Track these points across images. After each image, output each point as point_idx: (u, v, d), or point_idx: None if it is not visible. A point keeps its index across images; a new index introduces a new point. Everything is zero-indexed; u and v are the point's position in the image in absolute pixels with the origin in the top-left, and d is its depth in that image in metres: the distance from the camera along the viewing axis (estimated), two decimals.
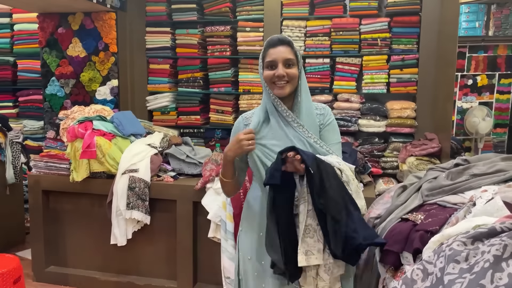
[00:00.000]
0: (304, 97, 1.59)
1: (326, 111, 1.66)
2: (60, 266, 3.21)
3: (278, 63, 1.54)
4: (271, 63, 1.56)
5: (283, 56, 1.54)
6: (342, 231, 1.36)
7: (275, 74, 1.54)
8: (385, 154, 3.56)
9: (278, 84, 1.55)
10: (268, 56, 1.56)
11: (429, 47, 3.40)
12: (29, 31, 4.26)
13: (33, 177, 3.14)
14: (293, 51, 1.57)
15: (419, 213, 1.43)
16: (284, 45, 1.56)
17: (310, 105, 1.62)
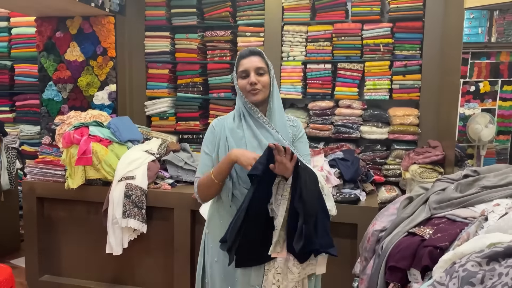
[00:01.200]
0: (276, 105, 1.68)
1: (298, 124, 1.77)
2: (55, 275, 3.12)
3: (250, 72, 1.63)
4: (244, 72, 1.65)
5: (254, 65, 1.64)
6: (306, 233, 1.48)
7: (248, 82, 1.63)
8: (388, 161, 3.50)
9: (251, 92, 1.63)
10: (241, 66, 1.66)
11: (433, 53, 3.35)
12: (27, 35, 4.21)
13: (28, 183, 3.07)
14: (264, 60, 1.67)
15: (427, 227, 1.36)
16: (255, 55, 1.66)
17: (282, 114, 1.72)
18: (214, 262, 1.71)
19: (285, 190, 1.54)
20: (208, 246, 1.75)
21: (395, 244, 1.37)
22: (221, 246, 1.60)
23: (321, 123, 3.59)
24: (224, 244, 1.57)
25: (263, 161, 1.48)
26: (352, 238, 2.53)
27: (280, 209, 1.53)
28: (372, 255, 1.58)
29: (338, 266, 2.60)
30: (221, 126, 1.71)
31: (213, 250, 1.71)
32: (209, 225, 1.77)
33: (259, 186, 1.53)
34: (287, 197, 1.53)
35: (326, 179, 2.62)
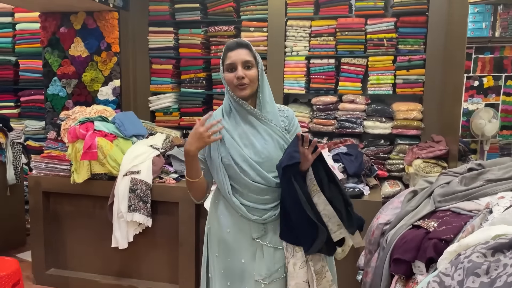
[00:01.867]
0: (267, 97, 1.63)
1: (290, 113, 1.71)
2: (61, 269, 3.16)
3: (238, 65, 1.57)
4: (230, 65, 1.59)
5: (241, 58, 1.58)
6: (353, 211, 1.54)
7: (235, 76, 1.57)
8: (391, 156, 3.51)
9: (239, 87, 1.58)
10: (228, 59, 1.60)
11: (437, 48, 3.35)
12: (31, 30, 4.21)
13: (34, 178, 3.10)
14: (252, 53, 1.61)
15: (431, 220, 1.37)
16: (242, 48, 1.60)
17: (274, 105, 1.66)
18: (215, 257, 1.70)
19: (311, 184, 1.55)
20: (210, 241, 1.74)
21: (400, 236, 1.38)
22: (311, 252, 1.56)
23: (325, 118, 3.60)
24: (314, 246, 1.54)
25: (297, 149, 1.49)
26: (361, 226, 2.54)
27: (321, 201, 1.53)
28: (376, 248, 1.60)
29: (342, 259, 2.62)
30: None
31: (214, 245, 1.70)
32: (210, 220, 1.75)
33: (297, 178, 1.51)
34: (318, 190, 1.53)
35: None
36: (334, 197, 1.53)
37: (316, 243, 1.52)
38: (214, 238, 1.70)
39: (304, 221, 1.51)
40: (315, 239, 1.52)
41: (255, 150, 1.59)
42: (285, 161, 1.49)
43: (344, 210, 1.53)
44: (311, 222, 1.50)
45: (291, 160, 1.47)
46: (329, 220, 1.52)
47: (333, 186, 1.55)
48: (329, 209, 1.52)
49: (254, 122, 1.61)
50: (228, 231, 1.65)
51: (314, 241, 1.52)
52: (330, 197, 1.53)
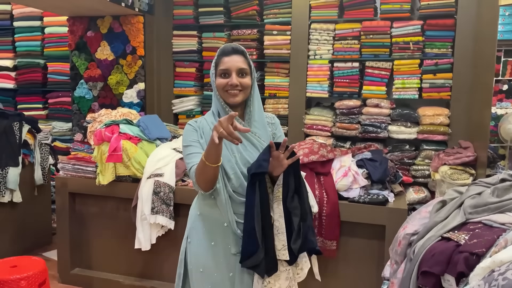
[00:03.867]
0: (256, 107, 1.61)
1: (276, 121, 1.71)
2: (85, 269, 3.22)
3: (232, 72, 1.54)
4: (224, 71, 1.56)
5: (237, 65, 1.55)
6: (305, 231, 1.51)
7: (228, 83, 1.54)
8: (416, 162, 3.44)
9: (230, 92, 1.55)
10: (222, 64, 1.56)
11: (465, 51, 3.26)
12: (59, 34, 4.32)
13: (61, 179, 3.16)
14: (247, 61, 1.58)
15: (462, 232, 1.33)
16: (238, 54, 1.57)
17: (262, 115, 1.64)
18: (200, 273, 1.61)
19: (276, 190, 1.52)
20: (191, 255, 1.65)
21: (428, 248, 1.34)
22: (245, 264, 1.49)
23: (348, 122, 3.55)
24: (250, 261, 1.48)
25: (267, 158, 1.46)
26: (380, 239, 2.51)
27: (277, 210, 1.50)
28: (403, 259, 1.56)
29: (366, 268, 2.58)
30: (201, 122, 1.64)
31: (198, 260, 1.62)
32: (192, 234, 1.66)
33: (261, 186, 1.48)
34: (280, 197, 1.51)
35: (354, 179, 2.60)
36: (293, 209, 1.50)
37: (252, 258, 1.48)
38: (198, 252, 1.62)
39: (250, 230, 1.47)
40: (252, 254, 1.48)
41: (242, 158, 1.57)
42: (254, 169, 1.47)
43: (296, 225, 1.50)
44: (254, 235, 1.46)
45: (259, 168, 1.45)
46: (277, 234, 1.50)
47: (297, 198, 1.52)
48: (281, 222, 1.49)
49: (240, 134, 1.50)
50: (212, 244, 1.59)
51: (251, 256, 1.48)
52: (290, 207, 1.50)
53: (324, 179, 2.61)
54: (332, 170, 2.66)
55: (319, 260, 2.19)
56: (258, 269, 1.50)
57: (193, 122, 1.66)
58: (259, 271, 1.51)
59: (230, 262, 1.58)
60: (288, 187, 1.51)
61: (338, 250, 2.58)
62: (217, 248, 1.59)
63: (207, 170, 1.47)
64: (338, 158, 2.72)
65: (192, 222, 1.68)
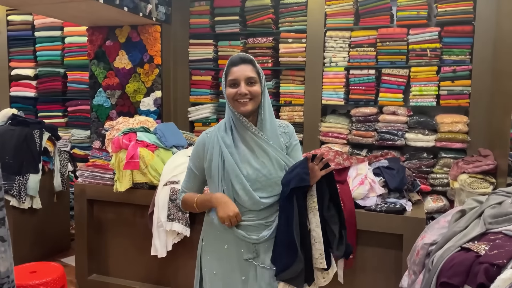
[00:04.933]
0: (267, 114, 1.61)
1: (290, 130, 1.70)
2: (102, 275, 3.25)
3: (241, 81, 1.56)
4: (233, 81, 1.57)
5: (245, 74, 1.56)
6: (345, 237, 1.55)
7: (237, 92, 1.56)
8: (434, 170, 3.39)
9: (240, 102, 1.56)
10: (231, 75, 1.58)
11: (484, 58, 3.22)
12: (79, 43, 4.42)
13: (79, 186, 3.22)
14: (255, 69, 1.59)
15: (482, 243, 1.30)
16: (246, 64, 1.59)
17: (274, 123, 1.64)
18: (213, 275, 1.64)
19: (311, 200, 1.54)
20: (206, 258, 1.69)
21: (447, 259, 1.32)
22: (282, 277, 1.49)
23: (364, 130, 3.53)
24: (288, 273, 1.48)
25: (307, 171, 1.48)
26: (398, 249, 2.47)
27: (314, 220, 1.52)
28: (421, 269, 1.53)
29: (383, 277, 2.54)
30: (211, 138, 1.65)
31: (212, 263, 1.65)
32: (206, 237, 1.71)
33: (299, 199, 1.50)
34: (316, 208, 1.53)
35: (370, 187, 2.57)
36: (330, 217, 1.54)
37: (289, 270, 1.48)
38: (212, 255, 1.66)
39: (287, 242, 1.48)
40: (289, 266, 1.47)
41: (253, 168, 1.57)
42: (295, 182, 1.48)
43: (337, 232, 1.54)
44: (293, 246, 1.46)
45: (301, 182, 1.47)
46: (314, 244, 1.52)
47: (333, 206, 1.55)
48: (318, 232, 1.51)
49: (253, 141, 1.58)
50: (226, 247, 1.62)
51: (288, 268, 1.47)
52: (326, 216, 1.54)
53: (340, 187, 2.58)
54: (348, 178, 2.64)
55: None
56: (295, 281, 1.50)
57: (205, 135, 1.69)
58: (297, 283, 1.50)
59: (243, 266, 1.60)
60: (322, 197, 1.53)
61: (355, 259, 2.55)
62: (230, 252, 1.61)
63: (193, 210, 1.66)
64: (354, 166, 2.70)
65: (208, 226, 1.71)
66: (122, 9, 3.32)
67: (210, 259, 1.66)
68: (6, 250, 0.92)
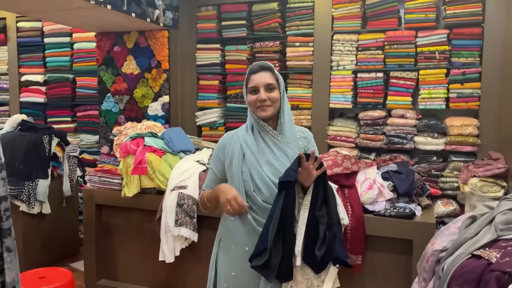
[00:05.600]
0: (287, 119, 1.69)
1: (309, 135, 1.78)
2: (111, 280, 3.25)
3: (260, 88, 1.64)
4: (253, 88, 1.66)
5: (264, 81, 1.64)
6: (329, 239, 1.55)
7: (257, 99, 1.64)
8: (444, 173, 3.35)
9: (261, 107, 1.65)
10: (251, 82, 1.67)
11: (494, 60, 3.18)
12: (88, 49, 4.45)
13: (88, 191, 3.23)
14: (274, 75, 1.68)
15: (493, 250, 1.28)
16: (265, 71, 1.67)
17: (293, 127, 1.72)
18: (231, 277, 1.68)
19: (305, 199, 1.60)
20: (222, 259, 1.73)
21: (458, 266, 1.30)
22: (253, 262, 1.55)
23: (373, 133, 3.50)
24: (257, 259, 1.54)
25: (295, 168, 1.54)
26: (407, 254, 2.44)
27: (302, 217, 1.58)
28: (431, 276, 1.51)
29: (393, 283, 2.51)
30: (233, 139, 1.72)
31: (230, 264, 1.69)
32: (225, 238, 1.74)
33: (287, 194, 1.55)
34: (308, 206, 1.58)
35: (379, 192, 2.55)
36: (320, 217, 1.57)
37: (257, 258, 1.54)
38: (231, 256, 1.69)
39: (265, 231, 1.55)
40: (258, 254, 1.54)
41: (273, 169, 1.64)
42: (282, 177, 1.56)
43: (322, 232, 1.56)
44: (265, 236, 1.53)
45: (286, 177, 1.54)
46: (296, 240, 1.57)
47: (324, 207, 1.59)
48: (302, 229, 1.56)
49: (273, 144, 1.67)
50: (247, 249, 1.65)
51: (256, 256, 1.55)
52: (318, 215, 1.57)
53: (348, 192, 2.56)
54: (357, 182, 2.61)
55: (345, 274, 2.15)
56: (263, 271, 1.55)
57: (227, 136, 1.76)
58: (267, 275, 1.55)
59: None
60: (317, 197, 1.58)
61: (363, 264, 2.52)
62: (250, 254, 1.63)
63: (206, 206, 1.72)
64: (362, 171, 2.68)
65: (226, 227, 1.74)
66: (130, 15, 3.35)
67: (228, 260, 1.70)
68: (12, 260, 0.93)
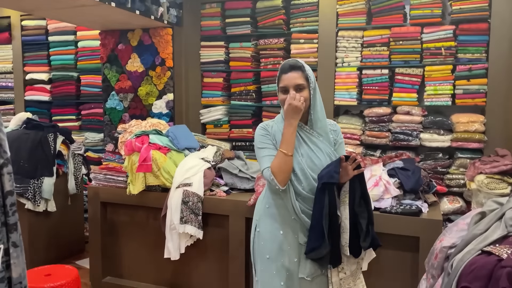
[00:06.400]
0: (319, 114, 1.81)
1: (338, 128, 1.93)
2: (116, 277, 3.26)
3: (290, 89, 1.75)
4: (284, 88, 1.78)
5: (293, 82, 1.75)
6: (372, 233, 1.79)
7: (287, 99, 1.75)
8: (450, 170, 3.33)
9: None
10: (281, 82, 1.79)
11: (500, 56, 3.15)
12: (92, 47, 4.45)
13: (93, 189, 3.24)
14: (304, 75, 1.77)
15: (503, 246, 1.26)
16: (296, 71, 1.76)
17: (324, 121, 1.84)
18: (266, 260, 1.84)
19: (343, 195, 1.78)
20: (259, 243, 1.88)
21: (468, 263, 1.28)
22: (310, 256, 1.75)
23: (378, 130, 3.48)
24: (315, 253, 1.74)
25: (338, 170, 1.70)
26: (414, 251, 2.42)
27: (343, 213, 1.77)
28: (440, 273, 1.49)
29: (400, 281, 2.50)
30: (272, 127, 1.86)
31: (265, 248, 1.84)
32: (261, 224, 1.88)
33: (331, 193, 1.71)
34: (347, 202, 1.77)
35: (385, 189, 2.53)
36: (361, 212, 1.77)
37: (315, 252, 1.74)
38: (267, 240, 1.84)
39: (317, 229, 1.73)
40: (316, 248, 1.74)
41: (309, 161, 1.79)
42: (325, 178, 1.70)
43: (365, 226, 1.77)
44: (321, 233, 1.71)
45: (330, 179, 1.69)
46: (342, 233, 1.79)
47: (363, 203, 1.79)
48: (346, 224, 1.77)
49: (307, 138, 1.82)
50: (281, 233, 1.81)
51: (314, 250, 1.74)
52: (357, 211, 1.77)
53: None
54: None
55: None
56: (321, 261, 1.77)
57: (265, 125, 1.88)
58: (322, 263, 1.78)
59: (296, 249, 1.81)
60: (354, 193, 1.76)
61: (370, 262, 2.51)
62: (285, 237, 1.82)
63: (287, 161, 1.71)
64: (368, 167, 2.67)
65: (261, 215, 1.89)
66: (134, 12, 3.34)
67: (264, 244, 1.85)
68: (19, 256, 0.92)
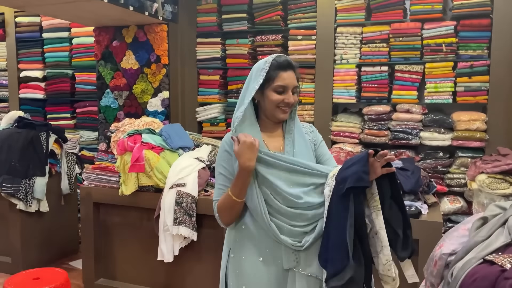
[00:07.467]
0: (296, 117, 1.62)
1: (314, 129, 1.68)
2: (109, 279, 3.20)
3: (289, 90, 1.52)
4: (282, 87, 1.51)
5: (293, 83, 1.53)
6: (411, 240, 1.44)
7: (284, 100, 1.51)
8: (451, 170, 3.26)
9: (283, 109, 1.53)
10: (280, 80, 1.51)
11: (502, 52, 3.07)
12: (86, 44, 4.37)
13: (85, 189, 3.17)
14: (297, 76, 1.57)
15: (507, 255, 1.19)
16: (293, 70, 1.54)
17: (299, 123, 1.63)
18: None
19: (373, 199, 1.40)
20: (234, 273, 1.55)
21: (469, 272, 1.21)
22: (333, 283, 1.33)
23: (377, 129, 3.41)
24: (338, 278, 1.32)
25: (367, 170, 1.33)
26: (413, 254, 2.35)
27: (377, 222, 1.38)
28: (439, 281, 1.42)
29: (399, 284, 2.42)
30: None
31: (243, 277, 1.53)
32: (236, 249, 1.55)
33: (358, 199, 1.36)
34: (379, 207, 1.39)
35: None
36: (393, 217, 1.40)
37: (339, 276, 1.31)
38: (243, 268, 1.53)
39: (340, 243, 1.33)
40: (339, 272, 1.31)
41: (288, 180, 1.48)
42: (352, 181, 1.32)
43: (401, 233, 1.40)
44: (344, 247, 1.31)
45: (359, 182, 1.32)
46: (382, 249, 1.38)
47: (395, 205, 1.41)
48: (383, 235, 1.36)
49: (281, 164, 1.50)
50: (261, 260, 1.50)
51: (338, 273, 1.32)
52: (388, 216, 1.39)
53: None
54: None
55: None
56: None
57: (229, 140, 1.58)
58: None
59: (282, 278, 1.49)
60: (383, 196, 1.40)
61: None
62: (266, 264, 1.50)
63: (234, 205, 1.47)
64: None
65: (233, 237, 1.57)
66: (127, 8, 3.26)
67: (240, 273, 1.53)
68: None
